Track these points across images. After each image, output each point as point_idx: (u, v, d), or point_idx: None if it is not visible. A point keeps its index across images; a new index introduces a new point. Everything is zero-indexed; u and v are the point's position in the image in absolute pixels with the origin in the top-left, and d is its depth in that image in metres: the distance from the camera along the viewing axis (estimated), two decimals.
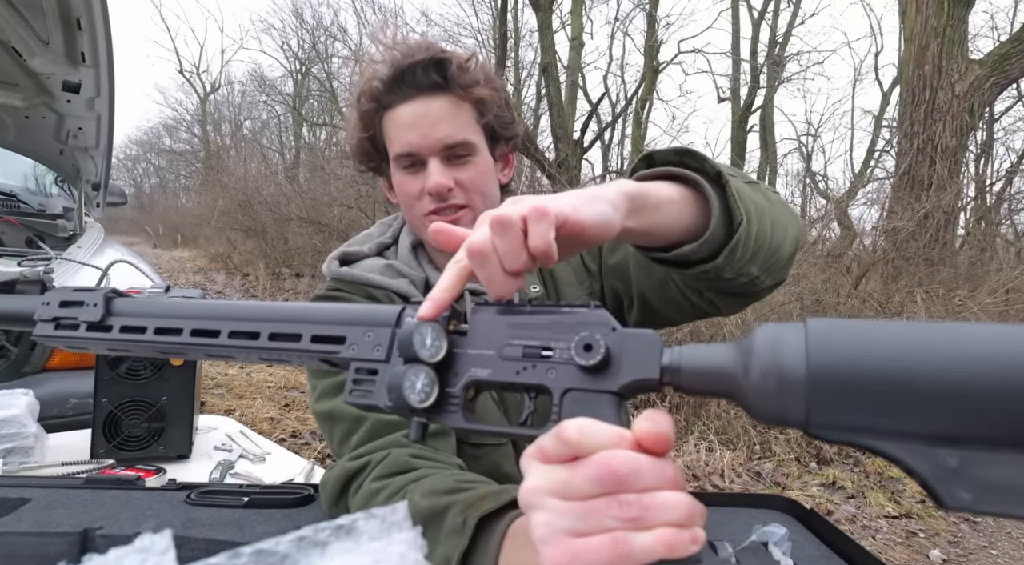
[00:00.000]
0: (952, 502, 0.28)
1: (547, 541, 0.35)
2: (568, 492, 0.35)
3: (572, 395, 0.39)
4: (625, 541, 0.33)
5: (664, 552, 0.33)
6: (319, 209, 8.64)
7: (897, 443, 0.29)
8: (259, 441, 1.64)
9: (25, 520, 0.75)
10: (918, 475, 0.29)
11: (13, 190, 3.13)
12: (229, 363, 5.07)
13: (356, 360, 0.44)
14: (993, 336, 0.28)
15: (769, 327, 0.34)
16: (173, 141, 25.53)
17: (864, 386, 0.29)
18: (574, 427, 0.36)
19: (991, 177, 9.48)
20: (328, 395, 0.80)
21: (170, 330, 0.49)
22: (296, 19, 18.34)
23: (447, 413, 0.42)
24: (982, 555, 2.76)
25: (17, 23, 2.01)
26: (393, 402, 0.41)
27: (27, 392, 1.40)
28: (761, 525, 0.72)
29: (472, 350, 0.42)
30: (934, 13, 6.51)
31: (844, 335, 0.30)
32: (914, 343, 0.29)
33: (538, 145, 9.00)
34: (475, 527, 0.54)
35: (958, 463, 0.28)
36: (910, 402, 0.28)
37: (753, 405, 0.33)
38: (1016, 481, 0.27)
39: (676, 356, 0.37)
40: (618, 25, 13.22)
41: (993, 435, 0.27)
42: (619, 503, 0.34)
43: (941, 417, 0.28)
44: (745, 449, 3.61)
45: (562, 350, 0.40)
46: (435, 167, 0.84)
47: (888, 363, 0.29)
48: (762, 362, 0.32)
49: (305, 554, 0.29)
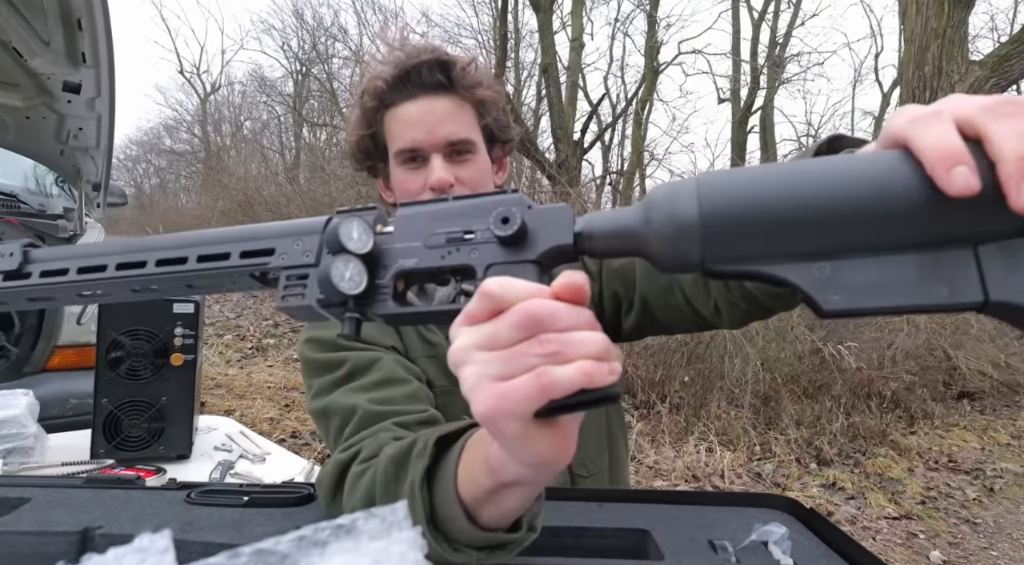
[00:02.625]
0: (827, 305, 0.32)
1: (476, 388, 0.37)
2: (493, 342, 0.37)
3: (495, 269, 0.42)
4: (547, 373, 0.35)
5: (584, 380, 0.35)
6: (319, 210, 8.64)
7: (780, 265, 0.34)
8: (259, 441, 1.64)
9: (25, 520, 0.75)
10: (801, 289, 0.33)
11: (13, 190, 3.13)
12: (228, 362, 5.07)
13: (286, 268, 0.44)
14: (844, 165, 0.33)
15: (666, 184, 0.38)
16: (173, 141, 25.54)
17: (748, 220, 0.34)
18: (495, 283, 0.38)
19: None
20: (324, 392, 0.81)
21: (94, 268, 0.48)
22: (296, 20, 18.34)
23: (378, 302, 0.43)
24: (982, 556, 2.76)
25: (18, 23, 2.02)
26: (324, 294, 0.41)
27: (27, 392, 1.40)
28: (761, 525, 0.72)
29: (399, 244, 0.44)
30: (934, 14, 6.51)
31: (727, 181, 0.35)
32: (785, 179, 0.34)
33: (538, 146, 9.00)
34: (435, 448, 0.56)
35: (830, 272, 0.33)
36: (787, 228, 0.33)
37: (656, 254, 0.37)
38: (873, 279, 0.32)
39: (586, 223, 0.40)
40: (618, 26, 13.24)
41: (852, 244, 0.32)
42: (540, 342, 0.36)
43: (812, 236, 0.33)
44: (745, 450, 3.61)
45: (482, 231, 0.42)
46: (438, 163, 0.85)
47: (766, 198, 0.34)
48: (661, 212, 0.36)
49: (305, 554, 0.29)
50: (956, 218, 0.31)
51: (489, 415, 0.37)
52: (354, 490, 0.66)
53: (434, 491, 0.55)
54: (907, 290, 0.32)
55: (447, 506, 0.53)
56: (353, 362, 0.80)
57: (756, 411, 3.88)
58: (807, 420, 3.88)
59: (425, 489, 0.55)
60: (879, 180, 0.32)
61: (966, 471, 3.64)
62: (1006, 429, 4.41)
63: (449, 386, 0.87)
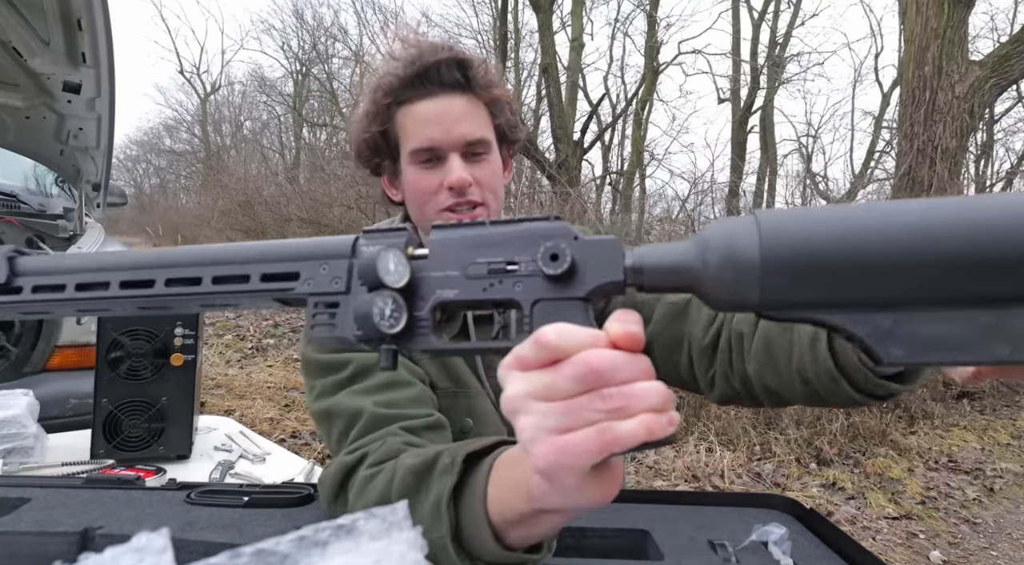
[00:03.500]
0: (887, 357, 0.32)
1: (535, 440, 0.37)
2: (551, 393, 0.37)
3: (542, 305, 0.40)
4: (610, 430, 0.35)
5: (646, 435, 0.35)
6: (319, 209, 8.65)
7: (839, 313, 0.33)
8: (259, 441, 1.64)
9: (25, 520, 0.75)
10: (859, 339, 0.32)
11: (13, 190, 3.13)
12: (228, 362, 5.08)
13: (314, 295, 0.42)
14: (914, 213, 0.32)
15: (723, 221, 0.36)
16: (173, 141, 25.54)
17: (810, 266, 0.32)
18: (552, 332, 0.37)
19: (991, 178, 9.49)
20: (327, 393, 0.80)
21: (95, 285, 0.44)
22: (296, 20, 18.34)
23: (418, 337, 0.41)
24: (982, 556, 2.76)
25: (18, 23, 2.02)
26: (363, 331, 0.39)
27: (27, 392, 1.40)
28: (761, 525, 0.72)
29: (435, 273, 0.42)
30: (934, 14, 6.51)
31: (790, 223, 0.34)
32: (850, 224, 0.32)
33: (538, 146, 9.00)
34: (463, 464, 0.56)
35: (892, 324, 0.32)
36: (850, 276, 0.32)
37: (711, 294, 0.36)
38: (937, 334, 0.31)
39: (638, 257, 0.39)
40: (618, 26, 13.22)
41: (918, 297, 0.31)
42: (601, 397, 0.36)
43: (876, 286, 0.32)
44: (745, 450, 3.60)
45: (527, 263, 0.40)
46: (456, 162, 0.84)
47: (830, 244, 0.32)
48: (719, 253, 0.35)
49: (305, 554, 0.29)
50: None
51: (549, 469, 0.36)
52: (363, 494, 0.65)
53: (459, 508, 0.55)
54: (969, 346, 0.31)
55: (473, 524, 0.53)
56: (357, 363, 0.79)
57: (756, 411, 3.88)
58: (807, 420, 3.88)
59: (452, 505, 0.55)
60: (962, 233, 0.30)
61: (966, 471, 3.64)
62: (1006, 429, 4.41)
63: (452, 388, 0.86)
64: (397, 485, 0.61)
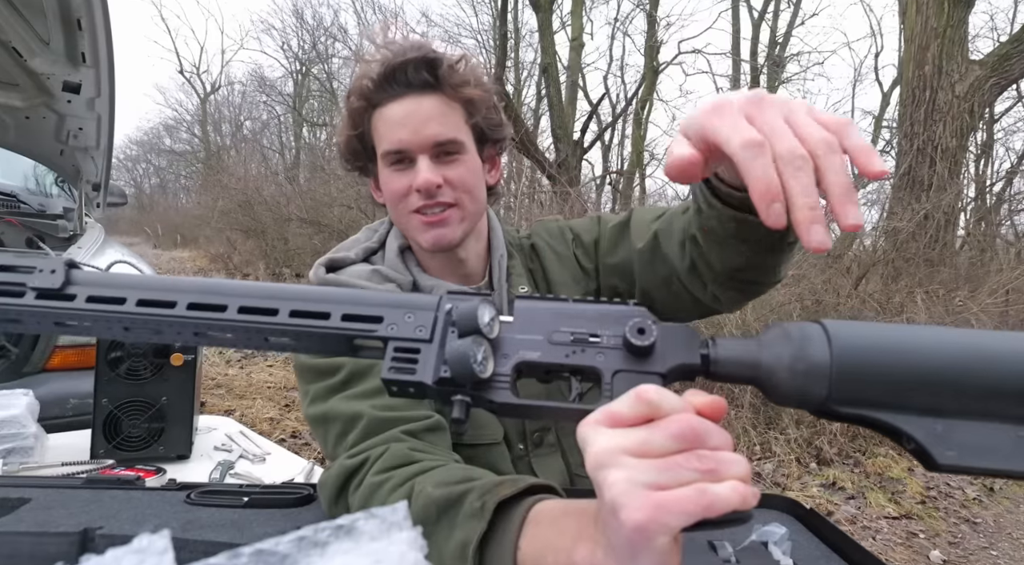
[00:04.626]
0: (942, 459, 0.36)
1: (628, 495, 0.36)
2: (647, 449, 0.37)
3: (621, 376, 0.42)
4: (708, 491, 0.35)
5: (738, 502, 0.36)
6: (319, 209, 8.64)
7: (896, 415, 0.37)
8: (259, 441, 1.64)
9: (25, 520, 0.75)
10: (915, 441, 0.37)
11: (13, 190, 3.13)
12: (228, 362, 5.07)
13: (395, 339, 0.42)
14: (964, 339, 0.38)
15: (791, 325, 0.40)
16: (173, 141, 25.56)
17: (874, 372, 0.37)
18: (653, 389, 0.38)
19: (991, 178, 9.49)
20: (321, 398, 0.79)
21: (160, 303, 0.43)
22: (296, 19, 18.38)
23: (496, 390, 0.42)
24: (982, 556, 2.76)
25: (17, 23, 2.02)
26: (453, 373, 0.40)
27: (27, 392, 1.40)
28: (761, 525, 0.72)
29: (519, 335, 0.43)
30: (934, 14, 6.51)
31: (856, 332, 0.39)
32: (909, 341, 0.38)
33: (538, 145, 9.00)
34: (493, 511, 0.54)
35: (943, 429, 0.37)
36: (907, 384, 0.37)
37: (775, 388, 0.40)
38: (983, 442, 0.36)
39: (713, 346, 0.42)
40: (618, 26, 13.23)
41: (966, 408, 0.36)
42: (698, 457, 0.36)
43: (930, 395, 0.37)
44: (745, 450, 3.60)
45: (609, 337, 0.43)
46: (424, 164, 0.84)
47: (891, 355, 0.38)
48: (791, 354, 0.39)
49: (305, 554, 0.29)
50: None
51: (644, 525, 0.35)
52: (372, 501, 0.65)
53: (484, 555, 0.54)
54: (1013, 456, 0.36)
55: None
56: (351, 367, 0.79)
57: (756, 410, 3.88)
58: (807, 420, 3.88)
59: (478, 552, 0.54)
60: (999, 362, 0.37)
61: None
62: None
63: None
64: (416, 510, 0.60)
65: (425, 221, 0.85)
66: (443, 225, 0.86)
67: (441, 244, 0.87)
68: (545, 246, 0.99)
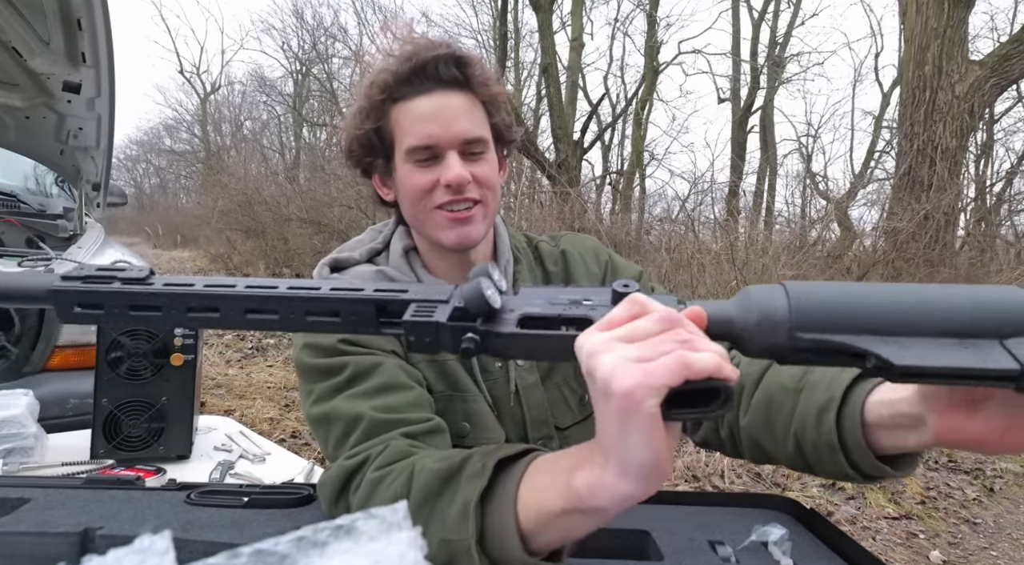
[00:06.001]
0: (901, 361, 0.41)
1: (618, 367, 0.41)
2: (634, 335, 0.43)
3: None
4: (685, 356, 0.41)
5: (714, 369, 0.41)
6: (319, 209, 8.64)
7: (855, 337, 0.43)
8: (259, 441, 1.64)
9: (25, 520, 0.75)
10: (875, 355, 0.42)
11: (13, 190, 3.13)
12: (228, 362, 5.07)
13: (417, 301, 0.50)
14: (900, 286, 0.45)
15: (758, 288, 0.47)
16: (173, 141, 25.55)
17: (828, 307, 0.44)
18: (640, 295, 0.46)
19: (991, 178, 9.50)
20: (324, 398, 0.78)
21: (222, 284, 0.51)
22: (296, 19, 18.35)
23: (504, 322, 0.48)
24: (982, 556, 2.76)
25: (17, 23, 2.02)
26: (467, 303, 0.47)
27: (27, 392, 1.40)
28: (761, 525, 0.72)
29: (522, 301, 0.51)
30: (934, 14, 6.51)
31: (811, 285, 0.46)
32: (857, 287, 0.46)
33: (538, 146, 9.00)
34: (493, 470, 0.56)
35: (897, 346, 0.42)
36: (859, 313, 0.44)
37: (748, 341, 0.46)
38: (933, 351, 0.41)
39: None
40: (618, 26, 13.25)
41: (911, 330, 0.43)
42: (677, 333, 0.42)
43: (881, 320, 0.43)
44: None
45: (600, 299, 0.49)
46: (454, 160, 0.83)
47: (841, 292, 0.45)
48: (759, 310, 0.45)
49: (304, 554, 0.29)
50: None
51: (632, 389, 0.40)
52: (375, 495, 0.65)
53: (486, 512, 0.55)
54: (958, 357, 0.41)
55: (500, 528, 0.53)
56: (354, 367, 0.78)
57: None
58: None
59: (479, 509, 0.55)
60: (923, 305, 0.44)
61: (966, 471, 3.64)
62: None
63: (448, 392, 0.85)
64: (419, 486, 0.61)
65: (451, 217, 0.84)
66: (469, 223, 0.85)
67: (466, 242, 0.86)
68: (577, 255, 0.99)
